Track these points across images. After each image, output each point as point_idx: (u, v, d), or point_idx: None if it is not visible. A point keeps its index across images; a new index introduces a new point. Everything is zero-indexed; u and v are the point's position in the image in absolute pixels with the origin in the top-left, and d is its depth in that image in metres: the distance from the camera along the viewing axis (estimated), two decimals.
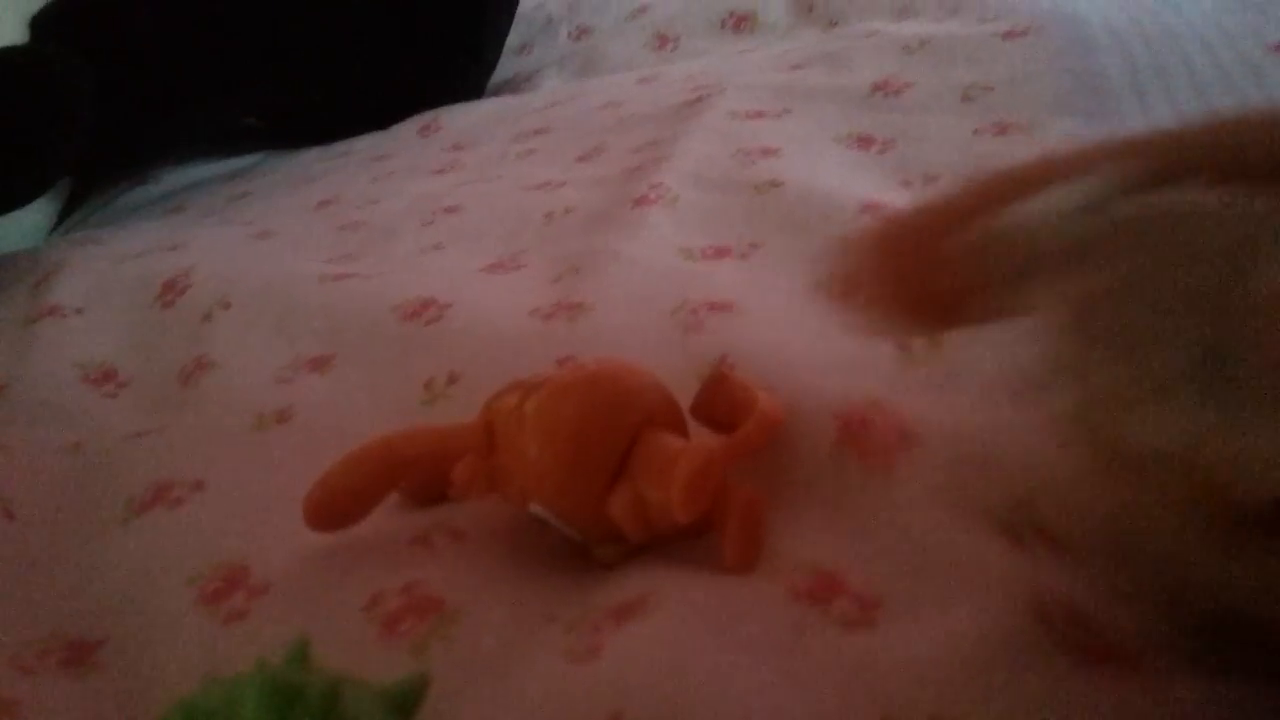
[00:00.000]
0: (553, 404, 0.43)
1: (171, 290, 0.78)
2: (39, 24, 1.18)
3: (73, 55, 0.97)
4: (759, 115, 0.83)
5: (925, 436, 0.44)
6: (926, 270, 0.36)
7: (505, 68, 1.32)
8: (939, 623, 0.36)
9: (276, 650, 0.33)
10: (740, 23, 1.15)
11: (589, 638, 0.39)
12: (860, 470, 0.44)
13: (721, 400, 0.46)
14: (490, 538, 0.47)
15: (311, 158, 1.17)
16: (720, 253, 0.65)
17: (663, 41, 1.18)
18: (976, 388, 0.46)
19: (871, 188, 0.65)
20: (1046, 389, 0.32)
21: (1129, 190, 0.32)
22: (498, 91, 1.28)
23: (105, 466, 0.60)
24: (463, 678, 0.40)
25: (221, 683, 0.31)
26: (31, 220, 1.18)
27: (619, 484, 0.42)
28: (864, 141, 0.74)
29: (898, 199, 0.63)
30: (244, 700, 0.30)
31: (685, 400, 0.46)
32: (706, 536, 0.43)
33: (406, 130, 1.16)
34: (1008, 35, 0.82)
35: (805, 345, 0.52)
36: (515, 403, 0.44)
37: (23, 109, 0.91)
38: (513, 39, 1.32)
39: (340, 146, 1.18)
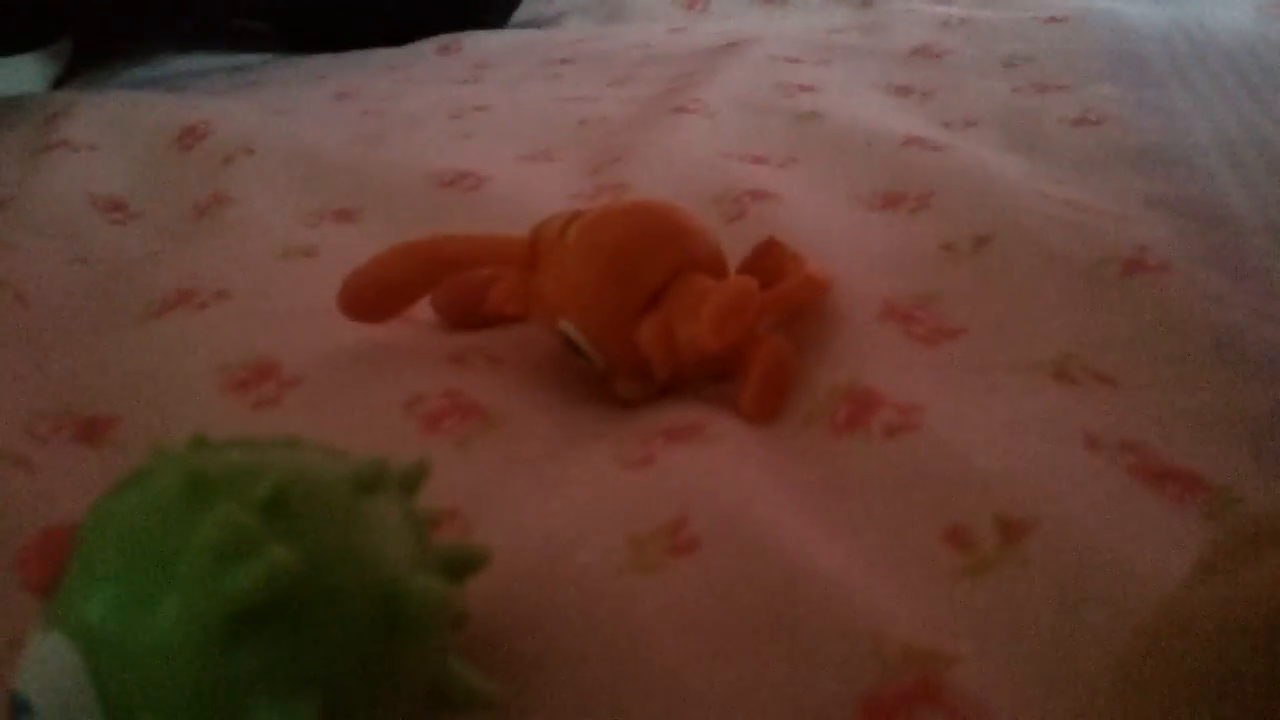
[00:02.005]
0: (599, 225, 0.43)
1: (191, 135, 0.77)
2: None
3: None
4: (797, 60, 0.84)
5: (972, 328, 0.44)
6: None
7: (527, 10, 1.32)
8: (992, 437, 0.36)
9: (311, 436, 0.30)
10: None
11: (641, 450, 0.39)
12: (904, 336, 0.44)
13: (771, 263, 0.46)
14: (528, 365, 0.46)
15: (323, 60, 1.16)
16: (758, 160, 0.65)
17: (693, 0, 1.19)
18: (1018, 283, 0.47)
19: (913, 126, 0.66)
20: None
21: None
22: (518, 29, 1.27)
23: (122, 274, 0.59)
24: (507, 475, 0.39)
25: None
26: (28, 74, 1.15)
27: (650, 314, 0.41)
28: (903, 90, 0.76)
29: (940, 137, 0.64)
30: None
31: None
32: (729, 384, 0.42)
33: (424, 48, 1.14)
34: (1048, 21, 0.84)
35: (851, 240, 0.53)
36: (562, 224, 0.43)
37: None
38: None
39: (354, 55, 1.17)
